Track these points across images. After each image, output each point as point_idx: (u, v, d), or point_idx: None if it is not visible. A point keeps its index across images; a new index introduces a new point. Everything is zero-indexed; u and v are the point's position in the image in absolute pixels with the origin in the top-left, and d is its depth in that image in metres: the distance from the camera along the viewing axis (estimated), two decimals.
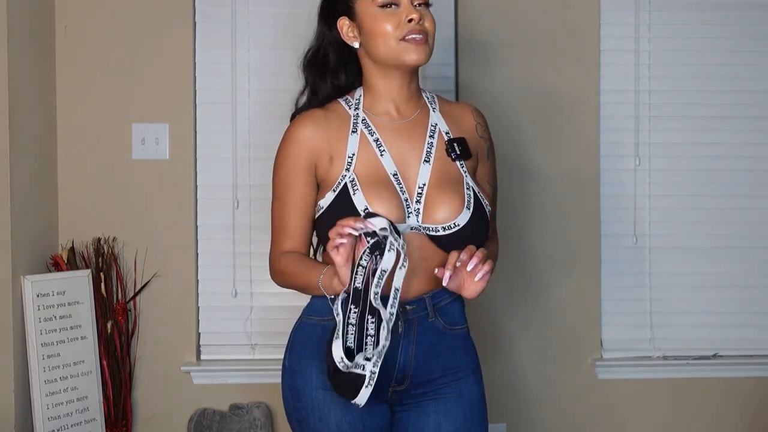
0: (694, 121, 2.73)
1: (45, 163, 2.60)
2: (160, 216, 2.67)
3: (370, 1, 1.74)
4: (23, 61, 2.45)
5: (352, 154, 1.74)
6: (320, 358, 1.68)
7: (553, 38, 2.69)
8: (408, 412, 1.77)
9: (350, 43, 1.79)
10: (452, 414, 1.75)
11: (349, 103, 1.82)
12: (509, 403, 2.70)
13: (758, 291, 2.75)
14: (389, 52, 1.73)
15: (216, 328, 2.72)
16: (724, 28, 2.72)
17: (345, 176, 1.73)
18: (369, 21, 1.74)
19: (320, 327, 1.75)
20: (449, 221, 1.71)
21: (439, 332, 1.75)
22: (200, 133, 2.70)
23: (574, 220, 2.70)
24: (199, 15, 2.69)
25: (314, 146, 1.76)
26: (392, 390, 1.75)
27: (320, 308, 1.75)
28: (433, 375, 1.75)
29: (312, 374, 1.74)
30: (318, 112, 1.80)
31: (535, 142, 2.69)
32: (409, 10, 1.72)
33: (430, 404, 1.76)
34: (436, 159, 1.77)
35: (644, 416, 2.73)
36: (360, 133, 1.77)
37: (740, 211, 2.74)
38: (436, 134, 1.80)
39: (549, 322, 2.71)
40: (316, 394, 1.73)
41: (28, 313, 2.41)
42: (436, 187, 1.74)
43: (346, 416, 1.71)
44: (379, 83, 1.80)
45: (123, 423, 2.61)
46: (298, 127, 1.78)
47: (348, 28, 1.79)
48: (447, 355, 1.76)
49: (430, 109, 1.84)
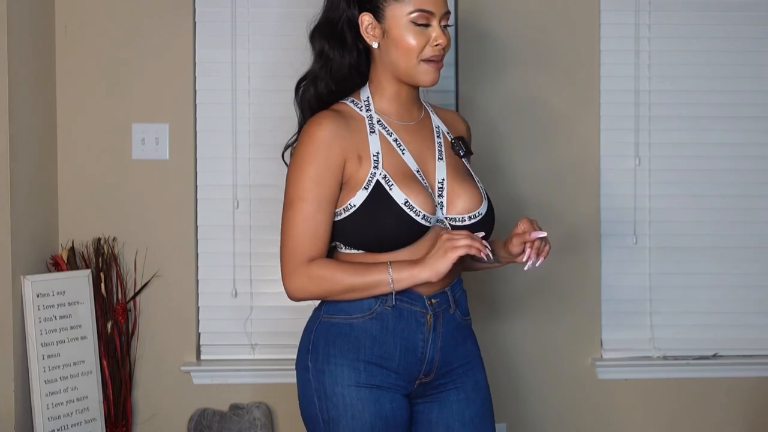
0: (694, 121, 2.73)
1: (45, 163, 2.60)
2: (160, 216, 2.67)
3: (404, 12, 1.75)
4: (23, 61, 2.45)
5: (377, 152, 1.77)
6: (350, 356, 1.73)
7: (553, 38, 2.69)
8: (432, 403, 1.82)
9: (368, 41, 1.80)
10: (472, 401, 1.82)
11: (357, 105, 1.83)
12: (509, 403, 2.70)
13: (758, 291, 2.75)
14: (409, 68, 1.77)
15: (216, 328, 2.72)
16: (724, 28, 2.72)
17: (375, 173, 1.74)
18: (396, 31, 1.76)
19: (348, 325, 1.76)
20: (471, 212, 1.79)
21: (457, 323, 1.83)
22: (200, 133, 2.70)
23: (574, 220, 2.70)
24: (199, 15, 2.69)
25: (343, 144, 1.75)
26: (419, 382, 1.79)
27: (346, 307, 1.76)
28: (452, 365, 1.82)
29: (343, 373, 1.73)
30: (330, 112, 1.79)
31: (535, 142, 2.69)
32: (438, 33, 1.75)
33: (451, 393, 1.82)
34: (447, 157, 1.84)
35: (644, 416, 2.74)
36: (378, 133, 1.80)
37: (740, 211, 2.74)
38: (440, 135, 1.88)
39: (549, 323, 2.71)
40: (348, 392, 1.73)
41: (28, 313, 2.41)
42: (454, 181, 1.81)
43: (380, 412, 1.72)
44: (388, 86, 1.83)
45: (123, 423, 2.61)
46: (321, 127, 1.76)
47: (370, 26, 1.79)
48: (462, 345, 1.84)
49: (430, 113, 1.92)
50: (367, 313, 1.74)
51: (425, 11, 1.74)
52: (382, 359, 1.74)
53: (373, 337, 1.74)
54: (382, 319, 1.74)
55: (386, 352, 1.74)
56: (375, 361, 1.74)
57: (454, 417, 1.81)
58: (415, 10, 1.74)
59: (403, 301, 1.74)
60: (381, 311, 1.74)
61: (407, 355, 1.75)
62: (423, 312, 1.76)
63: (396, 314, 1.74)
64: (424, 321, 1.75)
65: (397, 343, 1.75)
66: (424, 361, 1.77)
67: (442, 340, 1.79)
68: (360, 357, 1.74)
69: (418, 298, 1.75)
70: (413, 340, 1.75)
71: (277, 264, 2.68)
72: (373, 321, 1.74)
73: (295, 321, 2.71)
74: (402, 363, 1.75)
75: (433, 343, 1.77)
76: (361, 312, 1.74)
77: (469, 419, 1.81)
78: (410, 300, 1.75)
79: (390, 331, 1.74)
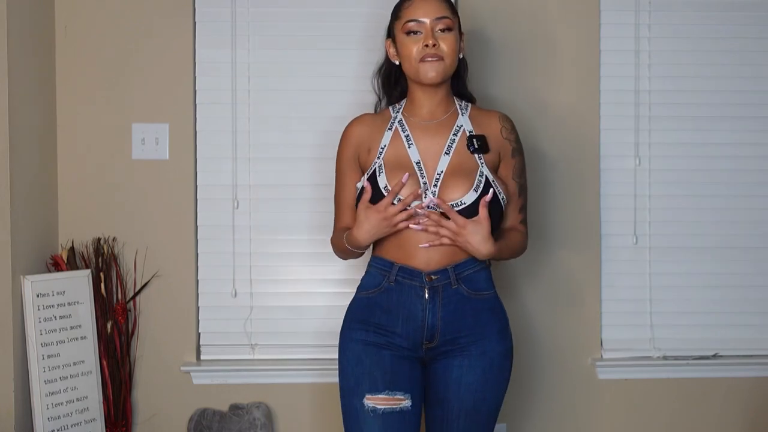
0: (694, 121, 2.73)
1: (45, 163, 2.60)
2: (160, 216, 2.67)
3: (400, 28, 2.13)
4: (23, 61, 2.45)
5: (384, 145, 2.15)
6: (363, 322, 2.11)
7: (553, 38, 2.69)
8: (437, 364, 2.10)
9: (393, 60, 2.20)
10: (473, 368, 2.07)
11: (395, 109, 2.23)
12: (509, 403, 2.70)
13: (758, 291, 2.75)
14: (411, 70, 2.13)
15: (216, 328, 2.72)
16: (724, 28, 2.72)
17: (376, 162, 2.13)
18: (400, 44, 2.14)
19: (366, 299, 2.13)
20: (454, 200, 2.05)
21: (463, 297, 2.09)
22: (200, 133, 2.70)
23: (574, 220, 2.70)
24: (199, 15, 2.69)
25: (359, 141, 2.19)
26: (425, 347, 2.09)
27: (365, 284, 2.15)
28: (460, 334, 2.08)
29: (354, 333, 2.11)
30: (368, 115, 2.26)
31: (535, 143, 2.68)
32: (427, 35, 2.09)
33: (456, 359, 2.08)
34: (456, 152, 2.11)
35: (644, 416, 2.74)
36: (394, 129, 2.17)
37: (740, 211, 2.74)
38: (459, 133, 2.15)
39: (549, 322, 2.71)
40: (357, 345, 2.10)
41: (28, 313, 2.41)
42: (451, 174, 2.08)
43: (380, 362, 2.07)
44: (415, 91, 2.19)
45: (123, 423, 2.61)
46: (349, 127, 2.23)
47: (392, 48, 2.19)
48: (473, 317, 2.09)
49: (459, 113, 2.19)
50: (377, 288, 2.11)
51: (413, 20, 2.09)
52: (389, 325, 2.08)
53: (382, 307, 2.10)
54: (389, 293, 2.09)
55: (392, 320, 2.08)
56: (383, 326, 2.08)
57: (452, 379, 2.07)
58: (406, 21, 2.11)
59: (405, 278, 2.08)
60: (387, 286, 2.10)
61: (409, 322, 2.07)
62: (421, 286, 2.07)
63: (398, 288, 2.08)
64: (422, 294, 2.07)
65: (401, 312, 2.08)
66: (424, 327, 2.07)
67: (443, 311, 2.07)
68: (371, 321, 2.10)
69: (417, 274, 2.07)
70: (414, 310, 2.07)
71: (277, 264, 2.71)
72: (382, 294, 2.10)
73: (295, 321, 2.71)
74: (405, 329, 2.07)
75: (432, 313, 2.07)
76: (374, 287, 2.12)
77: (465, 384, 2.07)
78: (411, 276, 2.07)
79: (395, 302, 2.08)
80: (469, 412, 2.08)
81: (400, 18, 2.12)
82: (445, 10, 2.11)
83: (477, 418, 2.09)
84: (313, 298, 2.69)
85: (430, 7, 2.10)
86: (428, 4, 2.10)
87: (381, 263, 2.12)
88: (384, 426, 2.04)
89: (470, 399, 2.07)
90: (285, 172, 2.70)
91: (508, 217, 2.20)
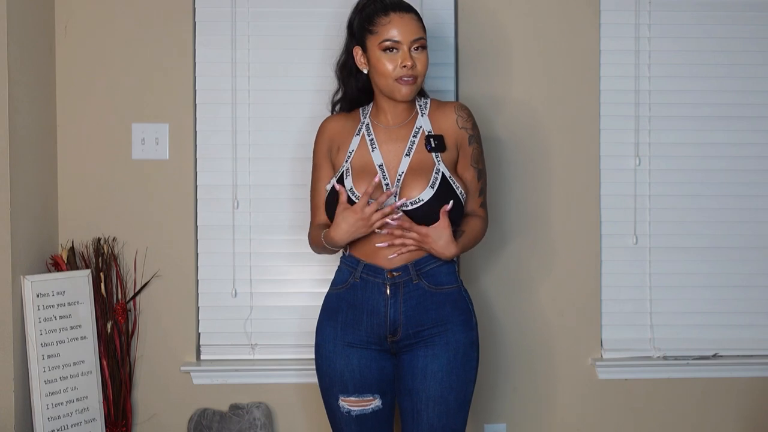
0: (694, 121, 2.73)
1: (45, 163, 2.60)
2: (160, 216, 2.67)
3: (376, 43, 2.16)
4: (23, 61, 2.45)
5: (352, 150, 2.23)
6: (332, 318, 2.21)
7: (553, 38, 2.69)
8: (404, 356, 2.18)
9: (361, 68, 2.24)
10: (438, 357, 2.15)
11: (364, 112, 2.31)
12: (509, 403, 2.70)
13: (758, 291, 2.75)
14: (386, 87, 2.18)
15: (216, 328, 2.72)
16: (724, 28, 2.73)
17: (344, 166, 2.21)
18: (374, 59, 2.18)
19: (335, 295, 2.24)
20: (412, 198, 2.13)
21: (425, 292, 2.17)
22: (200, 133, 2.70)
23: (574, 220, 2.70)
24: (199, 15, 2.69)
25: (332, 136, 2.29)
26: (389, 340, 2.17)
27: (336, 279, 2.25)
28: (423, 326, 2.16)
29: (326, 332, 2.22)
30: (341, 114, 2.34)
31: (535, 143, 2.69)
32: (405, 56, 2.15)
33: (420, 350, 2.16)
34: (416, 153, 2.20)
35: (644, 416, 2.74)
36: (362, 134, 2.25)
37: (740, 211, 2.74)
38: (419, 134, 2.23)
39: (549, 323, 2.71)
40: (328, 345, 2.21)
41: (28, 313, 2.41)
42: (411, 173, 2.17)
43: (348, 365, 2.18)
44: (380, 99, 2.25)
45: (123, 423, 2.61)
46: (324, 123, 2.33)
47: (360, 56, 2.23)
48: (436, 310, 2.17)
49: (419, 115, 2.26)
50: (344, 284, 2.22)
51: (391, 40, 2.14)
52: (354, 321, 2.19)
53: (349, 303, 2.20)
54: (355, 289, 2.19)
55: (357, 315, 2.18)
56: (349, 323, 2.19)
57: (418, 368, 2.15)
58: (384, 39, 2.15)
59: (369, 275, 2.18)
60: (353, 283, 2.20)
61: (373, 317, 2.17)
62: (383, 283, 2.16)
63: (362, 285, 2.18)
64: (384, 290, 2.16)
65: (365, 307, 2.18)
66: (387, 322, 2.16)
67: (405, 305, 2.16)
68: (338, 319, 2.21)
69: (380, 271, 2.17)
70: (377, 306, 2.17)
71: (277, 264, 2.71)
72: (349, 291, 2.20)
73: (294, 321, 2.71)
74: (368, 324, 2.17)
75: (394, 308, 2.16)
76: (342, 284, 2.22)
77: (431, 372, 2.14)
78: (374, 273, 2.17)
79: (359, 298, 2.18)
80: (438, 400, 2.13)
81: (376, 34, 2.16)
82: (421, 30, 2.17)
83: (446, 408, 2.14)
84: (313, 298, 2.69)
85: (408, 29, 2.15)
86: (406, 24, 2.15)
87: (349, 261, 2.22)
88: (360, 427, 2.20)
89: (437, 387, 2.13)
90: (285, 172, 2.70)
91: (469, 202, 2.25)
